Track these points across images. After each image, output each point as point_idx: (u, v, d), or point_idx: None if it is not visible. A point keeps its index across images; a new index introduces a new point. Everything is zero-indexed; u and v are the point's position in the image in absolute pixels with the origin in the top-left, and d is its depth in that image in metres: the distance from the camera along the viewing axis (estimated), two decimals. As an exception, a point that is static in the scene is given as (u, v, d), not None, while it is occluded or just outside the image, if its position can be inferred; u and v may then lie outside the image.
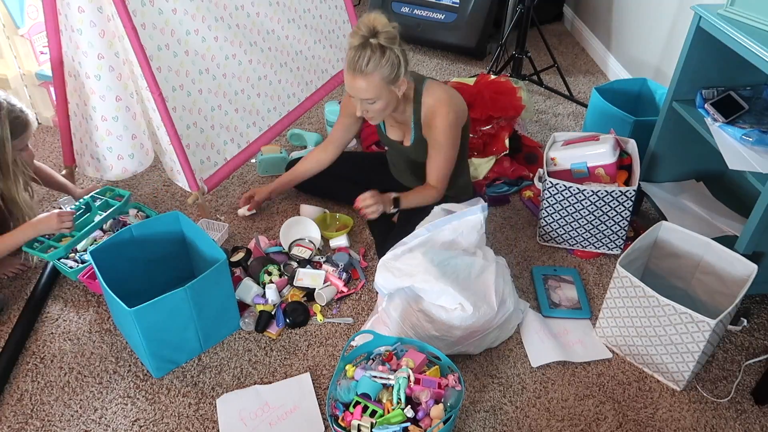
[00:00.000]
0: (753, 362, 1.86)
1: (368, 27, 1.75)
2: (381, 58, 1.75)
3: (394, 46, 1.77)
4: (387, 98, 1.86)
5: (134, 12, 1.90)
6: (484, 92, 2.62)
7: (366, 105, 1.87)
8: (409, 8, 3.75)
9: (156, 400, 1.72)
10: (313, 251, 2.16)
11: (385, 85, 1.81)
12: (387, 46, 1.75)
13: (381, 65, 1.76)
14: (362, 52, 1.75)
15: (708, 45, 1.94)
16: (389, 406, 1.51)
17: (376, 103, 1.85)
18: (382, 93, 1.83)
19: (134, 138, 2.17)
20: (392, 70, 1.79)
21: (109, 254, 1.81)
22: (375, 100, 1.84)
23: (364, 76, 1.78)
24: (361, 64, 1.76)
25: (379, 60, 1.75)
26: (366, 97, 1.83)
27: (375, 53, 1.74)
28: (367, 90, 1.81)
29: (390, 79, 1.80)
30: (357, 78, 1.79)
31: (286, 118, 2.69)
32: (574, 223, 2.17)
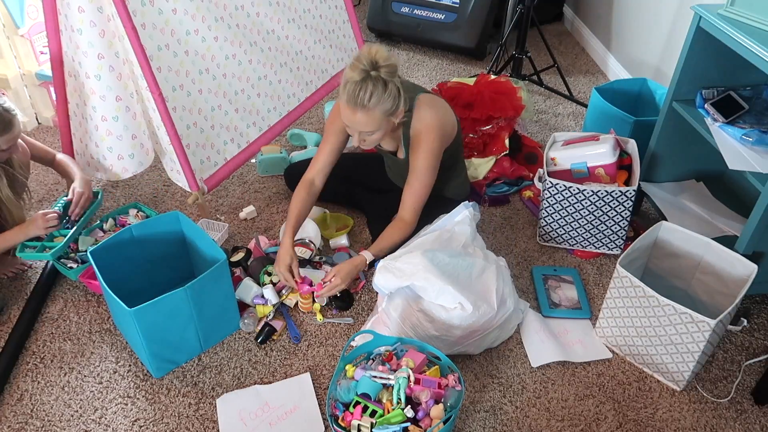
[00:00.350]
0: (753, 362, 1.86)
1: (369, 60, 1.71)
2: (383, 93, 1.73)
3: (395, 79, 1.75)
4: (385, 128, 1.85)
5: (134, 12, 1.90)
6: (484, 92, 2.62)
7: (364, 135, 1.85)
8: (409, 8, 3.75)
9: (156, 400, 1.72)
10: (313, 251, 2.16)
11: (384, 117, 1.79)
12: (388, 79, 1.73)
13: (383, 100, 1.74)
14: (363, 86, 1.71)
15: (708, 45, 1.94)
16: (389, 406, 1.51)
17: (374, 133, 1.84)
18: (381, 125, 1.81)
19: (134, 138, 2.17)
20: (393, 103, 1.77)
21: (109, 254, 1.81)
22: (373, 131, 1.83)
23: (365, 111, 1.75)
24: (363, 99, 1.72)
25: (381, 94, 1.73)
26: (366, 130, 1.81)
27: (377, 87, 1.71)
28: (367, 124, 1.78)
29: (390, 111, 1.79)
30: (357, 112, 1.76)
31: (286, 118, 2.69)
32: (574, 223, 2.17)
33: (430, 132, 1.91)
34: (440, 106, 1.98)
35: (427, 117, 1.92)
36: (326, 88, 2.95)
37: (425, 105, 1.94)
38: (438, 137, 1.92)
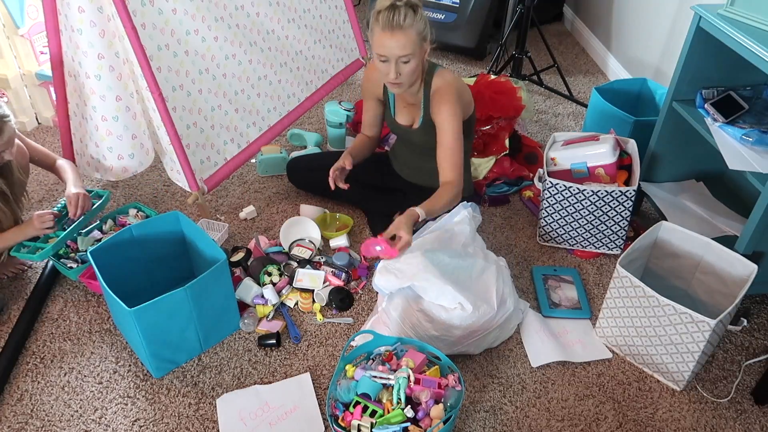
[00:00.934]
0: (753, 362, 1.86)
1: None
2: (415, 14, 1.83)
3: (420, 6, 1.86)
4: (419, 57, 1.91)
5: (134, 12, 1.90)
6: (484, 92, 2.62)
7: (400, 65, 1.89)
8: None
9: (156, 400, 1.72)
10: (314, 251, 2.16)
11: (419, 41, 1.86)
12: (417, 4, 1.85)
13: (416, 20, 1.84)
14: (396, 10, 1.81)
15: (708, 45, 1.94)
16: (389, 406, 1.51)
17: (410, 61, 1.89)
18: (416, 50, 1.87)
19: (134, 138, 2.17)
20: (425, 26, 1.87)
21: (109, 254, 1.81)
22: (410, 57, 1.87)
23: (402, 31, 1.82)
24: (399, 20, 1.81)
25: (413, 15, 1.83)
26: (403, 54, 1.86)
27: (409, 10, 1.82)
28: (405, 46, 1.84)
29: (423, 35, 1.87)
30: (396, 34, 1.83)
31: (286, 118, 2.69)
32: (574, 223, 2.17)
33: (450, 87, 1.99)
34: (461, 80, 2.07)
35: (449, 76, 2.02)
36: (326, 88, 2.95)
37: (447, 71, 2.04)
38: (457, 96, 1.99)
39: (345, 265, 2.10)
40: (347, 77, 3.09)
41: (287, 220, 2.25)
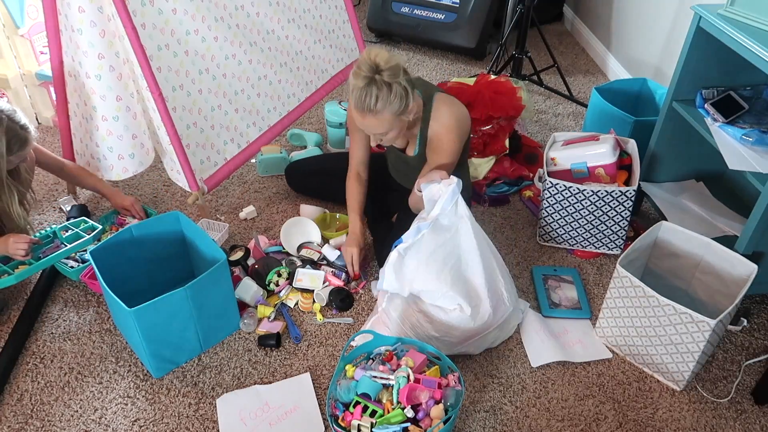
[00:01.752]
0: (753, 362, 1.86)
1: (369, 65, 1.71)
2: (389, 95, 1.71)
3: (399, 78, 1.72)
4: (399, 127, 1.84)
5: (134, 12, 1.90)
6: (484, 92, 2.62)
7: (379, 137, 1.86)
8: (409, 8, 3.75)
9: (156, 400, 1.72)
10: (321, 254, 2.16)
11: (395, 117, 1.78)
12: (392, 81, 1.71)
13: (390, 102, 1.72)
14: (368, 91, 1.71)
15: (708, 45, 1.94)
16: (389, 406, 1.51)
17: (388, 133, 1.84)
18: (394, 124, 1.80)
19: (135, 138, 2.17)
20: (401, 103, 1.75)
21: (109, 254, 1.81)
22: (387, 132, 1.83)
23: (374, 115, 1.75)
24: (370, 104, 1.72)
25: (387, 97, 1.71)
26: (378, 132, 1.82)
27: (381, 90, 1.71)
28: (378, 126, 1.79)
29: (400, 111, 1.77)
30: (367, 117, 1.76)
31: (286, 118, 2.69)
32: (574, 223, 2.17)
33: (450, 132, 1.90)
34: (457, 105, 1.96)
35: (446, 117, 1.90)
36: (326, 88, 2.95)
37: (443, 104, 1.92)
38: (457, 137, 1.91)
39: (345, 265, 2.10)
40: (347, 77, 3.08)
41: (287, 220, 2.25)
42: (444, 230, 1.81)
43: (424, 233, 1.77)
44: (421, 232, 1.78)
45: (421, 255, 1.76)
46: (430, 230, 1.77)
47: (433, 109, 1.91)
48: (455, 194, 1.79)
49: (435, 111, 1.91)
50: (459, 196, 1.81)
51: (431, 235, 1.77)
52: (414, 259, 1.77)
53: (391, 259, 1.76)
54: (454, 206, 1.80)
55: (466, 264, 1.81)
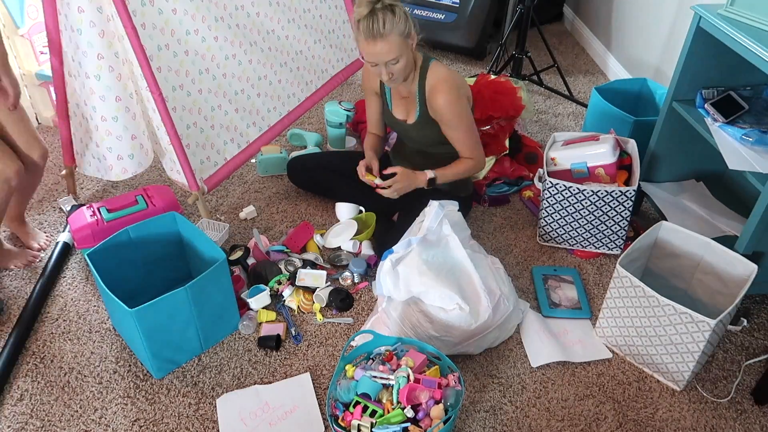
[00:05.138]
0: (753, 362, 1.86)
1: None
2: (394, 17, 1.82)
3: (398, 3, 1.85)
4: (407, 54, 1.92)
5: (134, 12, 1.90)
6: (484, 92, 2.62)
7: (390, 67, 1.91)
8: (409, 8, 3.70)
9: (156, 400, 1.72)
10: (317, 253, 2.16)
11: (403, 40, 1.87)
12: (394, 4, 1.83)
13: (396, 23, 1.83)
14: (374, 17, 1.81)
15: (708, 45, 1.94)
16: (389, 406, 1.51)
17: (399, 61, 1.90)
18: (403, 49, 1.88)
19: (134, 138, 2.17)
20: (406, 24, 1.86)
21: (106, 256, 1.80)
22: (398, 58, 1.89)
23: (384, 39, 1.83)
24: (379, 28, 1.81)
25: (392, 19, 1.82)
26: (390, 58, 1.88)
27: (386, 14, 1.81)
28: (390, 51, 1.86)
29: (406, 33, 1.87)
30: (378, 42, 1.84)
31: (286, 118, 2.69)
32: (574, 223, 2.17)
33: (445, 82, 1.99)
34: (455, 72, 2.06)
35: (442, 70, 2.01)
36: (326, 88, 2.95)
37: (440, 65, 2.03)
38: (455, 87, 1.99)
39: (362, 272, 2.10)
40: (347, 77, 3.09)
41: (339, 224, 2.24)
42: (433, 245, 1.88)
43: (414, 247, 1.83)
44: (412, 246, 1.83)
45: (413, 264, 1.79)
46: (419, 244, 1.83)
47: (430, 66, 2.02)
48: (438, 215, 1.90)
49: (432, 67, 2.02)
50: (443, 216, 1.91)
51: (422, 248, 1.83)
52: (407, 267, 1.79)
53: (384, 268, 1.80)
54: (439, 226, 1.90)
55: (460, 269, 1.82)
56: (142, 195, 2.12)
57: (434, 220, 1.90)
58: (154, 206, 2.08)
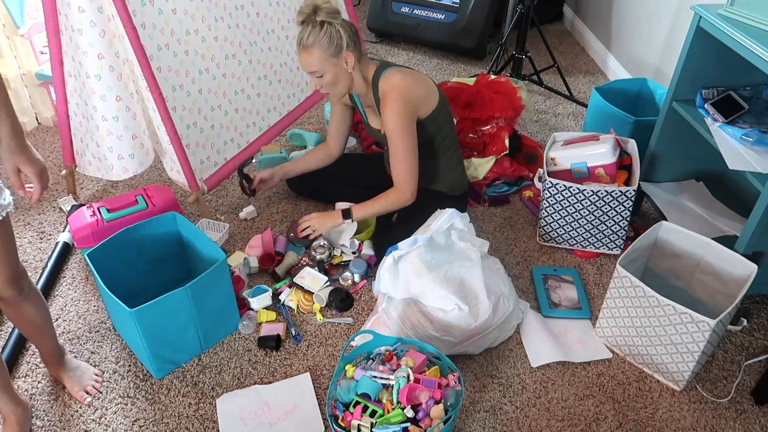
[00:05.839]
0: (753, 362, 1.86)
1: (309, 5, 1.86)
2: (320, 32, 1.85)
3: (335, 21, 1.86)
4: (333, 72, 1.93)
5: (134, 12, 1.90)
6: (484, 92, 2.62)
7: (315, 80, 1.95)
8: (409, 8, 3.75)
9: (156, 400, 1.72)
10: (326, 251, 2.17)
11: (327, 57, 1.88)
12: (327, 20, 1.85)
13: (320, 39, 1.85)
14: (304, 28, 1.87)
15: (708, 45, 1.94)
16: (389, 406, 1.51)
17: (323, 76, 1.93)
18: (326, 66, 1.90)
19: (135, 138, 2.17)
20: (331, 43, 1.87)
21: (106, 255, 1.80)
22: (321, 73, 1.92)
23: (306, 51, 1.88)
24: (303, 40, 1.87)
25: (317, 33, 1.85)
26: (311, 71, 1.92)
27: (315, 28, 1.85)
28: (311, 64, 1.90)
29: (331, 51, 1.88)
30: (301, 53, 1.90)
31: (286, 118, 2.69)
32: (574, 223, 2.17)
33: (392, 91, 1.95)
34: (413, 75, 2.01)
35: (394, 79, 1.97)
36: (326, 88, 2.95)
37: (395, 71, 2.00)
38: (401, 97, 1.94)
39: (362, 272, 2.10)
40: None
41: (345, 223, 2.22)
42: (440, 248, 1.87)
43: (420, 246, 1.82)
44: (417, 244, 1.83)
45: (413, 264, 1.79)
46: (426, 243, 1.83)
47: (383, 75, 1.99)
48: (449, 220, 1.89)
49: (385, 75, 1.99)
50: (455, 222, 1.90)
51: (425, 248, 1.82)
52: (408, 265, 1.78)
53: (385, 263, 1.80)
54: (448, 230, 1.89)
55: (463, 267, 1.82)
56: (142, 195, 2.11)
57: (445, 222, 1.89)
58: (154, 206, 2.08)
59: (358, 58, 1.95)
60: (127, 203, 2.08)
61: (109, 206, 2.05)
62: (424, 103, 2.01)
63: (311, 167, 2.35)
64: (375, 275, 1.86)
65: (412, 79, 1.99)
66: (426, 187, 2.17)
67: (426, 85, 2.03)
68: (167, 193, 2.16)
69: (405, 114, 1.94)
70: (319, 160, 2.34)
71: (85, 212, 2.03)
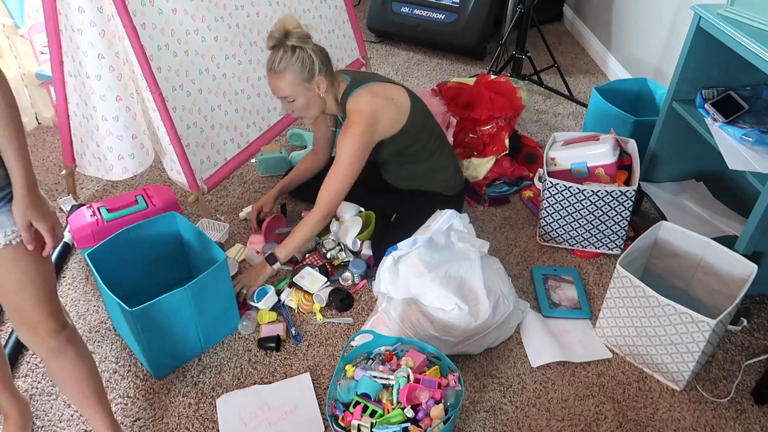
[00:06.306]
0: (753, 362, 1.86)
1: (280, 30, 1.84)
2: (291, 57, 1.83)
3: (306, 46, 1.85)
4: (306, 96, 1.91)
5: (134, 12, 1.90)
6: (484, 92, 2.62)
7: (286, 104, 1.94)
8: (409, 8, 3.75)
9: (156, 400, 1.72)
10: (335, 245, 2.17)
11: (299, 83, 1.87)
12: (298, 45, 1.83)
13: (292, 64, 1.84)
14: (275, 53, 1.85)
15: (708, 45, 1.94)
16: (389, 406, 1.51)
17: (295, 101, 1.92)
18: (298, 91, 1.89)
19: (135, 138, 2.17)
20: (303, 68, 1.85)
21: (106, 255, 1.80)
22: (293, 98, 1.91)
23: (277, 76, 1.86)
24: (273, 65, 1.85)
25: (289, 59, 1.83)
26: (283, 96, 1.91)
27: (286, 53, 1.83)
28: (282, 89, 1.88)
29: (303, 77, 1.87)
30: (272, 78, 1.88)
31: (286, 118, 2.69)
32: (574, 223, 2.18)
33: (358, 114, 1.93)
34: (383, 96, 1.96)
35: (361, 101, 1.94)
36: (326, 88, 2.94)
37: (367, 92, 1.96)
38: (363, 121, 1.91)
39: (362, 272, 2.10)
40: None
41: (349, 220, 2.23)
42: (440, 248, 1.87)
43: (419, 246, 1.83)
44: (417, 245, 1.83)
45: (415, 262, 1.79)
46: (425, 244, 1.83)
47: (351, 97, 1.96)
48: (449, 221, 1.90)
49: (354, 95, 1.96)
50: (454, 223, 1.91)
51: (427, 248, 1.83)
52: (408, 265, 1.78)
53: (385, 264, 1.81)
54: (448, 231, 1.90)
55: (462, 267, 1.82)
56: (142, 195, 2.11)
57: (444, 223, 1.90)
58: (154, 206, 2.08)
59: (330, 81, 1.95)
60: (127, 203, 2.08)
61: (109, 206, 2.05)
62: (390, 126, 1.99)
63: (305, 178, 2.34)
64: (375, 275, 1.86)
65: (380, 101, 1.95)
66: (421, 188, 2.17)
67: (395, 106, 1.98)
68: (167, 193, 2.16)
69: (364, 138, 1.92)
70: (309, 170, 2.34)
71: (85, 212, 2.03)
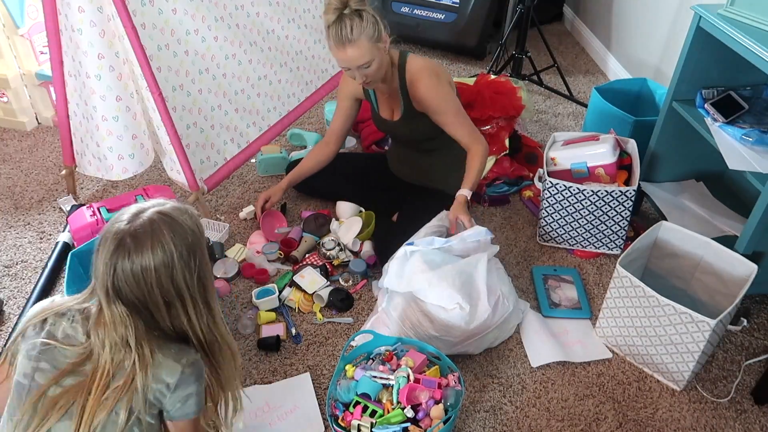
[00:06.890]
0: (753, 362, 1.86)
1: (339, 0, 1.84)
2: (361, 22, 1.83)
3: (367, 7, 1.86)
4: (379, 57, 1.92)
5: (134, 12, 1.90)
6: (484, 92, 2.62)
7: (363, 71, 1.92)
8: (409, 8, 3.75)
9: (156, 400, 1.72)
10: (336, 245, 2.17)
11: (373, 44, 1.87)
12: (361, 8, 1.84)
13: (364, 28, 1.83)
14: (342, 23, 1.82)
15: (708, 45, 1.94)
16: (389, 406, 1.51)
17: (371, 65, 1.90)
18: (374, 53, 1.88)
19: (135, 138, 2.17)
20: (374, 28, 1.86)
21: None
22: (370, 62, 1.89)
23: (353, 45, 1.84)
24: (347, 34, 1.82)
25: (360, 23, 1.82)
26: (361, 63, 1.88)
27: (354, 19, 1.82)
28: (360, 56, 1.86)
29: (375, 37, 1.87)
30: (348, 48, 1.85)
31: (286, 118, 2.69)
32: (574, 223, 2.17)
33: (425, 69, 2.00)
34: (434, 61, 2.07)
35: (420, 61, 2.03)
36: (326, 87, 2.95)
37: (416, 57, 2.06)
38: (434, 73, 2.00)
39: (362, 272, 2.10)
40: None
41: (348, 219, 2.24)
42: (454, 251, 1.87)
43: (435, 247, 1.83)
44: (433, 246, 1.83)
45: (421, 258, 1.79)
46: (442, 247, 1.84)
47: (408, 59, 2.04)
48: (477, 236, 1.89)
49: (410, 59, 2.04)
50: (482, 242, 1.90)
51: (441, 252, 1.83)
52: (415, 259, 1.78)
53: (398, 254, 1.81)
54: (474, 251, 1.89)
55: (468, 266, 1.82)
56: (142, 195, 2.11)
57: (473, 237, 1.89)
58: (154, 206, 2.08)
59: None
60: (127, 203, 2.07)
61: (109, 206, 2.05)
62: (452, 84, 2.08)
63: (314, 169, 2.34)
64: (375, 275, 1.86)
65: (437, 64, 2.07)
66: (429, 185, 2.17)
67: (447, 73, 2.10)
68: (167, 193, 2.16)
69: (442, 84, 2.00)
70: (320, 162, 2.33)
71: (85, 212, 2.03)
